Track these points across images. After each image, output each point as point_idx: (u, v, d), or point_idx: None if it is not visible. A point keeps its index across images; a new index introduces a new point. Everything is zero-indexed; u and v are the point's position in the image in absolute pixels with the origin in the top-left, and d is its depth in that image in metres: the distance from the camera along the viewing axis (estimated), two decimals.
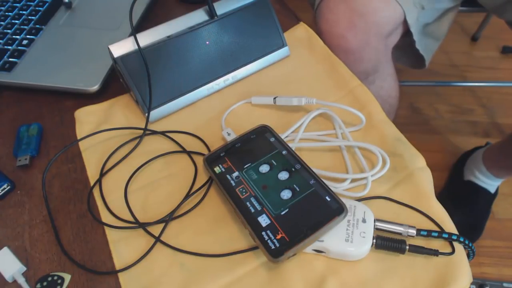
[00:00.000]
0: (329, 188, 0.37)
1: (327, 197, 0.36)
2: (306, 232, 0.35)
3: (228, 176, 0.40)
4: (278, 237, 0.35)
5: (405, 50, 0.79)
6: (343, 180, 0.41)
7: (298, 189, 0.38)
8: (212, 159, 0.42)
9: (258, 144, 0.42)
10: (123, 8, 0.61)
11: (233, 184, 0.39)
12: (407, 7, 0.66)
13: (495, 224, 1.06)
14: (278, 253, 0.34)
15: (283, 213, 0.36)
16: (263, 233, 0.35)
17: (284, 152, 0.41)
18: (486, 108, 1.33)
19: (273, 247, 0.34)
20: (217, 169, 0.41)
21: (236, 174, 0.40)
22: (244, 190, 0.39)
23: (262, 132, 0.43)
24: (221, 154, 0.42)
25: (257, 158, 0.41)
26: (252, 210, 0.37)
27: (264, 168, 0.40)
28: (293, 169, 0.39)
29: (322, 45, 0.55)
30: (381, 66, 0.71)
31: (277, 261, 0.34)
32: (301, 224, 0.35)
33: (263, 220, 0.36)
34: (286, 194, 0.37)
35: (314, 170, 0.39)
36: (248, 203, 0.37)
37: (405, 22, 0.68)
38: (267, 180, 0.39)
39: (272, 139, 0.42)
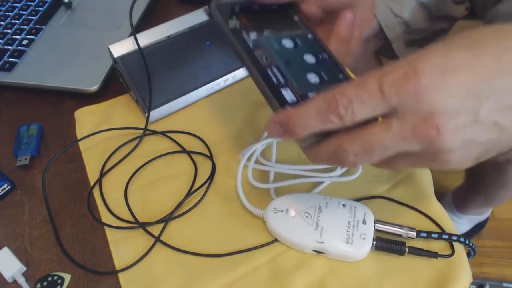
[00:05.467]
0: None
1: None
2: None
3: (244, 35, 0.32)
4: None
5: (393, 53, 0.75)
6: (334, 168, 0.41)
7: (326, 78, 0.31)
8: (224, 9, 0.34)
9: (279, 17, 0.35)
10: (123, 8, 0.61)
11: (251, 46, 0.32)
12: (387, 24, 0.63)
13: (495, 224, 1.07)
14: None
15: (310, 95, 0.30)
16: (287, 107, 0.28)
17: (310, 36, 0.34)
18: None
19: None
20: (231, 23, 0.33)
21: (254, 35, 0.32)
22: (264, 56, 0.31)
23: (285, 6, 0.36)
24: (235, 9, 0.34)
25: (278, 30, 0.34)
26: (274, 81, 0.30)
27: (288, 43, 0.33)
28: (320, 56, 0.33)
29: None
30: (361, 68, 0.68)
31: (306, 142, 0.28)
32: None
33: (288, 95, 0.29)
34: (313, 78, 0.31)
35: (301, 166, 0.39)
36: (269, 71, 0.30)
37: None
38: (291, 56, 0.32)
39: (296, 19, 0.36)
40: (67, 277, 0.37)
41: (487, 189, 0.88)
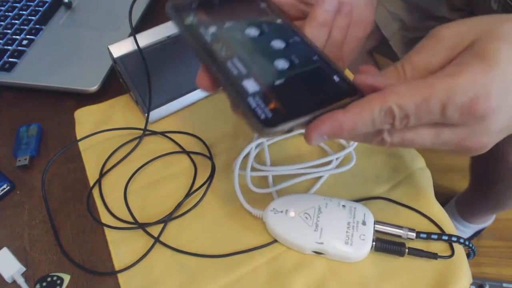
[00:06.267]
0: (339, 68, 0.29)
1: (335, 77, 0.28)
2: (309, 107, 0.26)
3: (201, 30, 0.30)
4: (271, 106, 0.26)
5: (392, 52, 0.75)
6: (329, 162, 0.42)
7: (297, 62, 0.29)
8: (180, 8, 0.32)
9: (244, 6, 0.33)
10: (123, 8, 0.61)
11: (208, 40, 0.30)
12: (382, 21, 0.62)
13: (495, 224, 1.06)
14: (271, 124, 0.25)
15: (277, 82, 0.28)
16: (250, 98, 0.26)
17: (279, 21, 0.32)
18: None
19: (263, 117, 0.25)
20: (187, 20, 0.31)
21: (213, 29, 0.30)
22: (224, 49, 0.29)
23: None
24: (193, 6, 0.32)
25: (243, 19, 0.32)
26: (235, 72, 0.28)
27: (252, 32, 0.31)
28: (290, 41, 0.31)
29: None
30: (356, 67, 0.67)
31: (268, 133, 0.25)
32: (302, 98, 0.27)
33: (250, 86, 0.27)
34: (281, 64, 0.29)
35: (297, 165, 0.39)
36: (229, 64, 0.28)
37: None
38: (255, 45, 0.30)
39: (264, 5, 0.33)
40: (67, 278, 0.37)
41: (499, 196, 0.86)
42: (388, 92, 0.24)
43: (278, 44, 0.30)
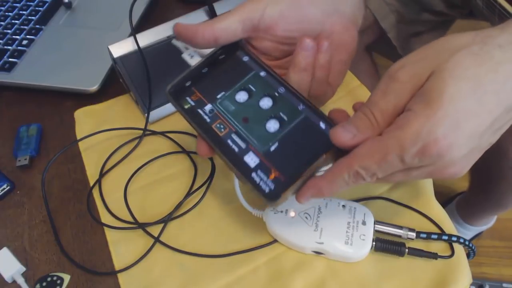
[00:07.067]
0: (323, 113, 0.32)
1: (321, 124, 0.31)
2: (303, 167, 0.30)
3: (200, 111, 0.34)
4: (272, 177, 0.30)
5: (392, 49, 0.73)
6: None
7: (286, 118, 0.32)
8: (177, 92, 0.35)
9: (229, 67, 0.35)
10: (123, 8, 0.61)
11: (208, 120, 0.33)
12: (380, 13, 0.61)
13: (495, 224, 1.06)
14: (275, 196, 0.29)
15: (272, 148, 0.31)
16: (253, 174, 0.30)
17: (262, 74, 0.34)
18: None
19: (267, 190, 0.30)
20: (185, 104, 0.34)
21: (209, 107, 0.34)
22: (222, 126, 0.33)
23: (233, 50, 0.36)
24: (187, 84, 0.35)
25: (231, 84, 0.34)
26: (236, 150, 0.32)
27: (242, 97, 0.34)
28: (276, 94, 0.33)
29: None
30: (353, 63, 0.66)
31: (276, 205, 0.30)
32: (295, 158, 0.31)
33: (251, 160, 0.31)
34: (272, 126, 0.32)
35: None
36: (229, 141, 0.32)
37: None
38: (247, 111, 0.33)
39: (246, 58, 0.35)
40: (67, 278, 0.37)
41: (500, 195, 0.85)
42: (352, 156, 0.28)
43: (266, 103, 0.33)
